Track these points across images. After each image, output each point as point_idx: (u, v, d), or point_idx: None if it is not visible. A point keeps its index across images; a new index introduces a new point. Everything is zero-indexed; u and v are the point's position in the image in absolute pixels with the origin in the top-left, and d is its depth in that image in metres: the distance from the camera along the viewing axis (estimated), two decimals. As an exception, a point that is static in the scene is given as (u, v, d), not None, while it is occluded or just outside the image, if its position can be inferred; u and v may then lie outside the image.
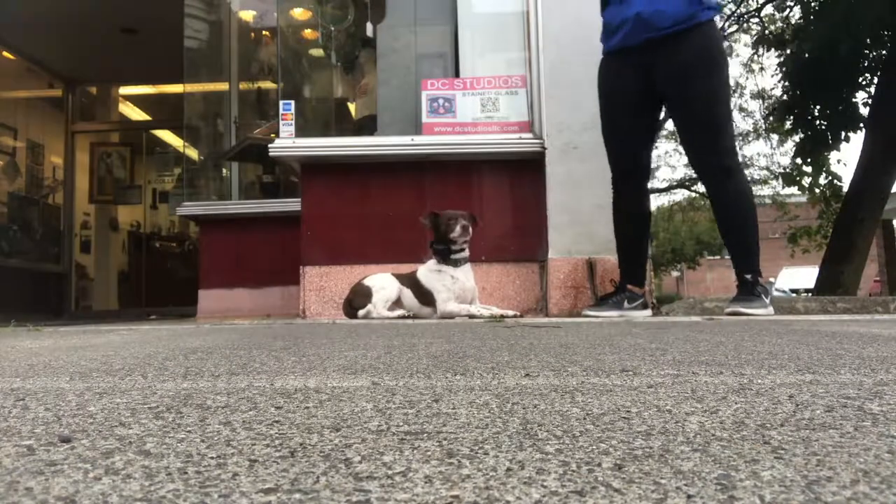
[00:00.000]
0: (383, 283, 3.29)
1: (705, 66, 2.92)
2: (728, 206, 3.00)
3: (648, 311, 3.17)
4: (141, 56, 7.25)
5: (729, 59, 3.07)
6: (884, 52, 8.35)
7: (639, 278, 3.18)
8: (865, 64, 8.60)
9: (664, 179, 20.51)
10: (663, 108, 3.18)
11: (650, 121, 3.21)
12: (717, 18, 3.08)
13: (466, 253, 3.31)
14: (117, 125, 9.16)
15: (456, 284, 3.24)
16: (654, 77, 2.99)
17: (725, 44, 12.79)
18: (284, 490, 0.46)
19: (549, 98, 3.69)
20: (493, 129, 3.81)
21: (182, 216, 5.42)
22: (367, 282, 3.31)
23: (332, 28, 4.90)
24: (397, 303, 3.31)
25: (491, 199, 3.82)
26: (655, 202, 26.04)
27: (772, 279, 28.78)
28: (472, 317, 3.14)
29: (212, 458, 0.55)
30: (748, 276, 2.93)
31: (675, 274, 37.32)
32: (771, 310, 2.87)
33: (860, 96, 8.84)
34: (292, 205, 4.32)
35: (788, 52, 9.52)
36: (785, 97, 9.67)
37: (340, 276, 3.68)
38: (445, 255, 3.26)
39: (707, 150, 2.96)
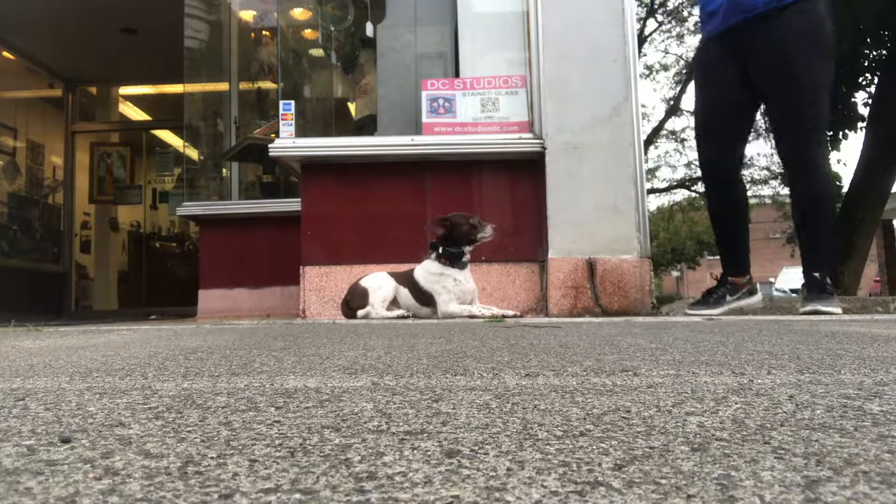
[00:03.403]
0: (380, 283, 3.29)
1: (799, 46, 2.75)
2: (809, 200, 2.88)
3: (758, 297, 3.05)
4: (141, 56, 7.25)
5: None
6: (884, 51, 8.35)
7: (741, 268, 3.09)
8: (865, 64, 8.59)
9: (664, 179, 20.50)
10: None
11: (745, 109, 3.07)
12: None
13: (468, 255, 3.32)
14: (117, 125, 9.16)
15: (458, 286, 3.24)
16: (748, 61, 2.87)
17: None
18: (284, 490, 0.46)
19: (549, 98, 3.69)
20: (493, 129, 3.81)
21: (182, 216, 5.42)
22: (363, 282, 3.31)
23: (332, 28, 4.90)
24: (394, 302, 3.31)
25: (491, 199, 3.82)
26: (656, 202, 26.04)
27: (772, 279, 28.80)
28: (472, 317, 3.14)
29: (212, 458, 0.55)
30: (816, 275, 2.83)
31: (675, 274, 37.31)
32: (840, 309, 2.78)
33: (860, 96, 8.84)
34: (292, 205, 4.32)
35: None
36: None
37: (340, 276, 3.68)
38: (457, 258, 3.26)
39: (789, 141, 2.84)
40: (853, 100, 8.76)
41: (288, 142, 3.80)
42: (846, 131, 8.71)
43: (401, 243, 3.71)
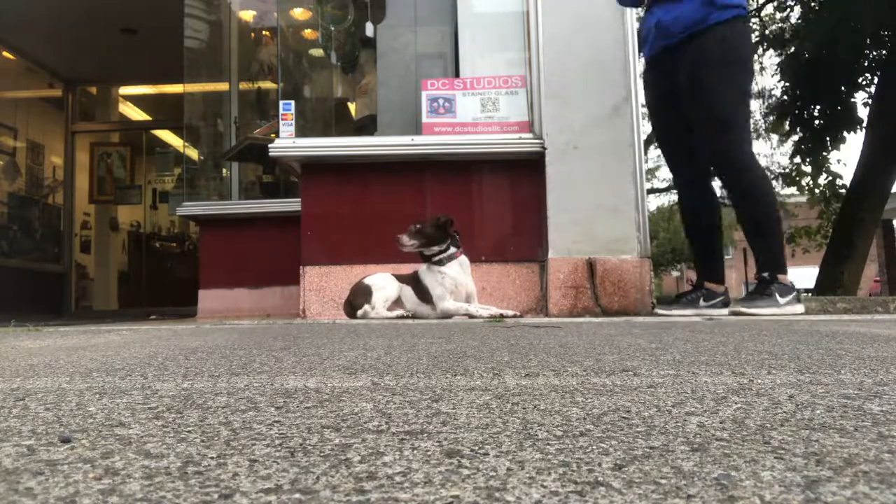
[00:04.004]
0: (383, 283, 3.30)
1: (711, 65, 2.90)
2: (743, 202, 2.97)
3: (728, 310, 3.08)
4: (141, 56, 7.25)
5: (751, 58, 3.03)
6: (884, 52, 8.35)
7: (716, 275, 3.14)
8: (865, 64, 8.59)
9: (664, 179, 20.53)
10: None
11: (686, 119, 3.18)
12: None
13: (450, 251, 3.31)
14: (117, 125, 9.16)
15: (446, 280, 3.25)
16: (673, 80, 3.04)
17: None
18: (284, 490, 0.46)
19: (549, 98, 3.69)
20: (493, 129, 3.81)
21: (182, 216, 5.42)
22: (367, 281, 3.32)
23: (332, 28, 4.90)
24: (397, 302, 3.32)
25: (491, 199, 3.82)
26: (656, 202, 26.03)
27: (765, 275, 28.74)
28: (471, 317, 3.15)
29: (212, 458, 0.55)
30: (764, 275, 2.91)
31: (675, 274, 37.29)
32: (775, 309, 2.81)
33: (860, 97, 8.84)
34: (292, 205, 4.32)
35: (789, 51, 9.52)
36: (785, 97, 9.66)
37: (340, 276, 3.68)
38: (427, 259, 3.32)
39: (712, 147, 2.95)
40: (853, 100, 8.76)
41: (288, 142, 3.80)
42: (846, 131, 8.71)
43: (401, 243, 3.71)
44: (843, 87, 8.55)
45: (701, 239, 3.22)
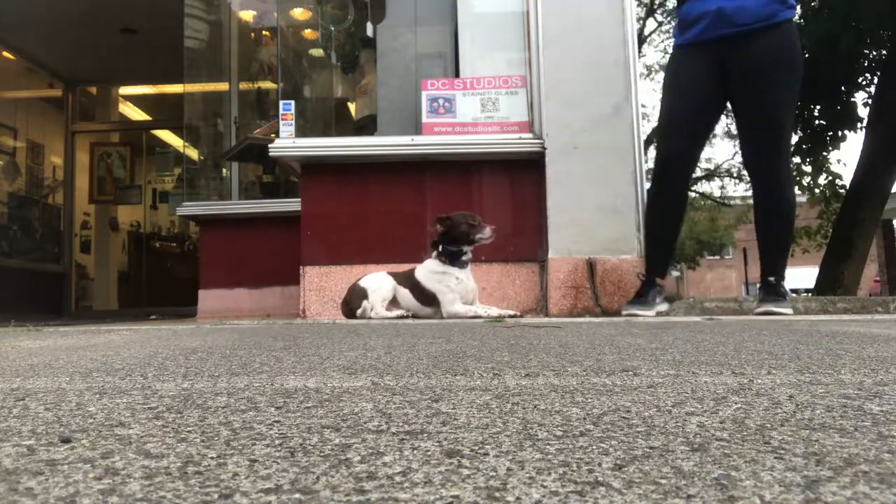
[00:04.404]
0: (379, 283, 3.29)
1: (778, 66, 2.89)
2: (773, 210, 3.01)
3: (667, 305, 3.22)
4: (141, 56, 7.25)
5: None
6: (884, 51, 8.34)
7: (666, 270, 3.23)
8: (865, 64, 8.59)
9: (664, 179, 20.46)
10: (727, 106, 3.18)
11: (713, 115, 3.20)
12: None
13: (470, 254, 3.33)
14: (117, 125, 9.16)
15: (460, 285, 3.25)
16: (725, 72, 2.97)
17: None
18: (284, 490, 0.46)
19: (549, 98, 3.69)
20: (493, 129, 3.81)
21: (182, 216, 5.42)
22: (362, 282, 3.31)
23: (332, 28, 4.90)
24: (393, 302, 3.31)
25: (491, 199, 3.82)
26: (655, 202, 25.96)
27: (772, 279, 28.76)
28: (476, 317, 3.14)
29: (212, 458, 0.55)
30: (772, 279, 2.99)
31: (675, 274, 37.30)
32: (791, 310, 2.94)
33: (860, 96, 8.83)
34: (292, 205, 4.32)
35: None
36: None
37: (340, 276, 3.68)
38: (457, 257, 3.27)
39: (765, 152, 2.95)
40: (853, 100, 8.75)
41: (288, 142, 3.80)
42: (846, 131, 8.70)
43: (401, 243, 3.71)
44: (843, 87, 8.55)
45: (668, 237, 3.22)
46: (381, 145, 3.83)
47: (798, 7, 9.27)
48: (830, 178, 9.49)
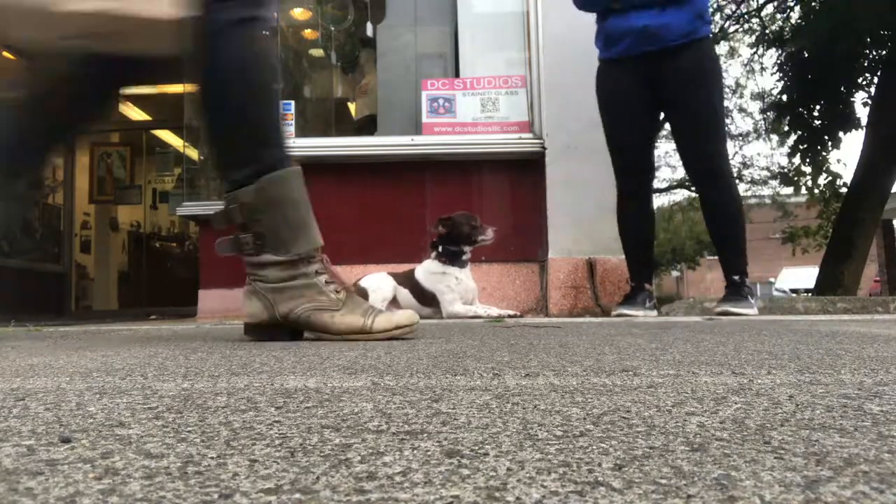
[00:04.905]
0: (379, 284, 3.30)
1: (705, 74, 3.08)
2: (724, 210, 3.11)
3: (655, 312, 3.30)
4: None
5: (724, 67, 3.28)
6: (884, 52, 8.35)
7: (650, 276, 3.32)
8: (865, 64, 8.59)
9: (664, 179, 20.52)
10: (661, 114, 3.31)
11: (650, 122, 3.31)
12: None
13: (470, 254, 3.34)
14: (117, 125, 9.15)
15: (460, 285, 3.25)
16: (654, 85, 3.11)
17: (726, 46, 12.87)
18: (284, 490, 0.46)
19: (549, 98, 3.69)
20: (493, 129, 3.81)
21: (182, 216, 5.41)
22: (362, 283, 3.32)
23: (332, 28, 4.90)
24: (393, 302, 3.31)
25: (491, 199, 3.82)
26: (656, 202, 26.02)
27: (772, 279, 28.80)
28: (476, 317, 3.15)
29: (212, 458, 0.55)
30: (735, 278, 3.06)
31: (675, 274, 37.31)
32: (755, 310, 3.00)
33: (859, 96, 8.84)
34: (292, 205, 4.31)
35: (789, 50, 9.51)
36: (783, 97, 9.66)
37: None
38: (457, 257, 3.28)
39: (708, 153, 3.07)
40: (852, 100, 8.76)
41: (288, 142, 3.79)
42: (846, 131, 8.70)
43: (401, 243, 3.71)
44: (842, 87, 8.55)
45: (643, 244, 3.31)
46: (381, 145, 3.83)
47: (797, 7, 9.27)
48: (830, 178, 9.49)
